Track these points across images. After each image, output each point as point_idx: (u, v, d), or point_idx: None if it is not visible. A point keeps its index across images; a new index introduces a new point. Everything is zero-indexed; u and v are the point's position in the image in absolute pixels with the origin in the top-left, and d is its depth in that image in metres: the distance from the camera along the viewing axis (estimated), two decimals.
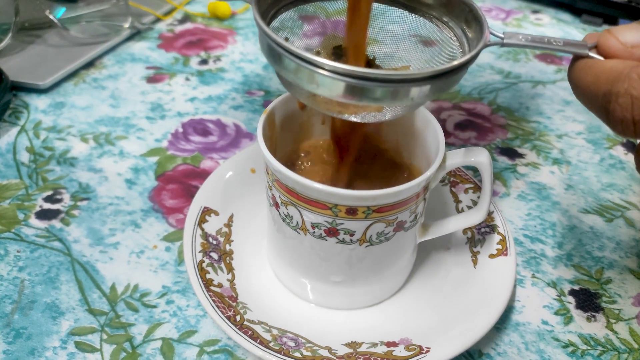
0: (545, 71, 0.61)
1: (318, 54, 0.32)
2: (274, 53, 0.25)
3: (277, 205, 0.31)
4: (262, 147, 0.29)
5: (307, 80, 0.25)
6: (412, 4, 0.31)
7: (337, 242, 0.30)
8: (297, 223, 0.30)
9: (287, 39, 0.31)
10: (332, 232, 0.29)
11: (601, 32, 0.27)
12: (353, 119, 0.28)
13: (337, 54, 0.32)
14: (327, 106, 0.28)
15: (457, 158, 0.30)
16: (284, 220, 0.31)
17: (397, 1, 0.31)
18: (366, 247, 0.30)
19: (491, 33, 0.27)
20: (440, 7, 0.30)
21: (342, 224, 0.29)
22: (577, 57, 0.27)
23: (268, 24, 0.29)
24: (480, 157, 0.30)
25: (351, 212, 0.28)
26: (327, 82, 0.24)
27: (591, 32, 0.28)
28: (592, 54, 0.26)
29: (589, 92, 0.26)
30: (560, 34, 0.69)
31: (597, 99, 0.25)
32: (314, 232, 0.30)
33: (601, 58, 0.26)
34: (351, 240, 0.29)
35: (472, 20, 0.28)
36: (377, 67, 0.32)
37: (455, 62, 0.24)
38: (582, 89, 0.26)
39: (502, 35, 0.27)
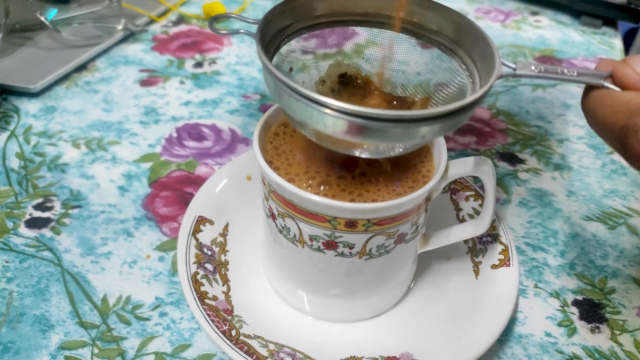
0: None
1: (323, 82, 0.31)
2: (278, 90, 0.25)
3: (273, 216, 0.30)
4: (258, 157, 0.28)
5: (313, 119, 0.24)
6: (420, 31, 0.30)
7: (336, 255, 0.29)
8: (295, 235, 0.29)
9: (291, 69, 0.30)
10: (330, 245, 0.28)
11: (616, 61, 0.26)
12: (361, 154, 0.27)
13: (343, 82, 0.31)
14: (333, 143, 0.28)
15: (460, 168, 0.29)
16: (280, 232, 0.30)
17: (406, 29, 0.31)
18: (366, 260, 0.29)
19: (503, 63, 0.26)
20: (449, 35, 0.29)
21: (341, 236, 0.28)
22: (590, 87, 0.26)
23: (272, 56, 0.28)
24: (483, 167, 0.29)
25: (351, 225, 0.27)
26: (333, 121, 0.23)
27: (604, 59, 0.28)
28: (607, 84, 0.26)
29: (605, 124, 0.25)
30: (559, 35, 0.68)
31: (614, 132, 0.24)
32: (312, 244, 0.29)
33: (617, 89, 0.25)
34: (350, 253, 0.28)
35: (483, 50, 0.27)
36: (388, 98, 0.31)
37: (467, 101, 0.23)
38: (597, 120, 0.25)
39: (514, 66, 0.26)
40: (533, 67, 0.26)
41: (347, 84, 0.31)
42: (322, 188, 0.28)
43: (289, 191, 0.27)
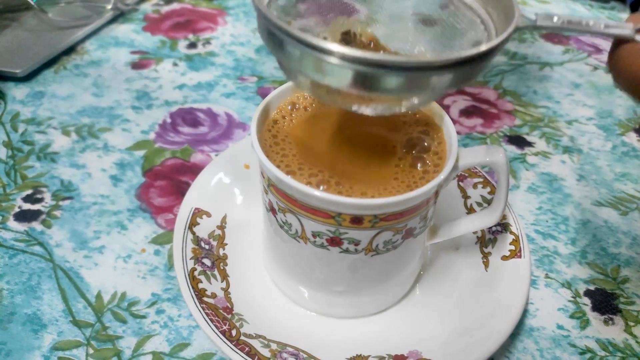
0: (552, 52, 0.58)
1: (324, 40, 0.29)
2: (275, 39, 0.22)
3: (273, 211, 0.28)
4: (257, 149, 0.27)
5: (313, 68, 0.21)
6: None
7: (341, 252, 0.27)
8: (297, 231, 0.27)
9: (289, 23, 0.28)
10: (335, 241, 0.27)
11: None
12: (364, 111, 0.25)
13: (346, 39, 0.29)
14: (334, 97, 0.25)
15: (471, 158, 0.28)
16: (281, 227, 0.28)
17: None
18: (372, 256, 0.28)
19: (522, 15, 0.24)
20: None
21: (346, 233, 0.26)
22: (620, 42, 0.24)
23: (267, 5, 0.26)
24: (495, 157, 0.27)
25: (356, 221, 0.25)
26: (336, 70, 0.21)
27: (634, 14, 0.26)
28: (638, 37, 0.24)
29: (635, 81, 0.23)
30: (566, 11, 0.65)
31: None
32: (314, 241, 0.27)
33: None
34: (356, 249, 0.27)
35: (499, 0, 0.25)
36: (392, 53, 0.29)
37: (483, 48, 0.21)
38: (627, 77, 0.23)
39: (534, 18, 0.24)
40: (555, 19, 0.24)
41: (351, 42, 0.29)
42: (325, 181, 0.27)
43: (290, 186, 0.25)
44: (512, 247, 0.33)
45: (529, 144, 0.46)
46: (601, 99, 0.51)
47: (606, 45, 0.59)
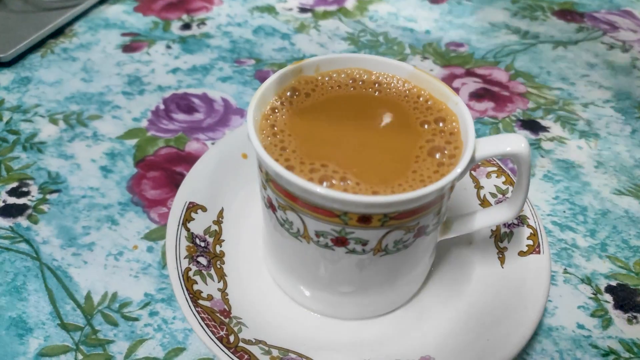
0: (566, 30, 0.55)
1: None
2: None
3: (273, 208, 0.26)
4: (253, 141, 0.24)
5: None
6: None
7: (347, 252, 0.25)
8: (299, 230, 0.25)
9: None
10: (340, 241, 0.24)
11: None
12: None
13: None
14: None
15: (490, 149, 0.25)
16: (282, 225, 0.26)
17: None
18: (381, 256, 0.25)
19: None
20: None
21: (353, 232, 0.24)
22: None
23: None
24: (517, 147, 0.25)
25: (364, 220, 0.23)
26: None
27: None
28: None
29: None
30: None
31: None
32: (318, 240, 0.25)
33: None
34: (363, 250, 0.25)
35: None
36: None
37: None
38: None
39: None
40: None
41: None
42: (329, 177, 0.24)
43: (290, 181, 0.23)
44: (530, 242, 0.31)
45: (544, 129, 0.43)
46: (618, 80, 0.49)
47: (622, 23, 0.56)
